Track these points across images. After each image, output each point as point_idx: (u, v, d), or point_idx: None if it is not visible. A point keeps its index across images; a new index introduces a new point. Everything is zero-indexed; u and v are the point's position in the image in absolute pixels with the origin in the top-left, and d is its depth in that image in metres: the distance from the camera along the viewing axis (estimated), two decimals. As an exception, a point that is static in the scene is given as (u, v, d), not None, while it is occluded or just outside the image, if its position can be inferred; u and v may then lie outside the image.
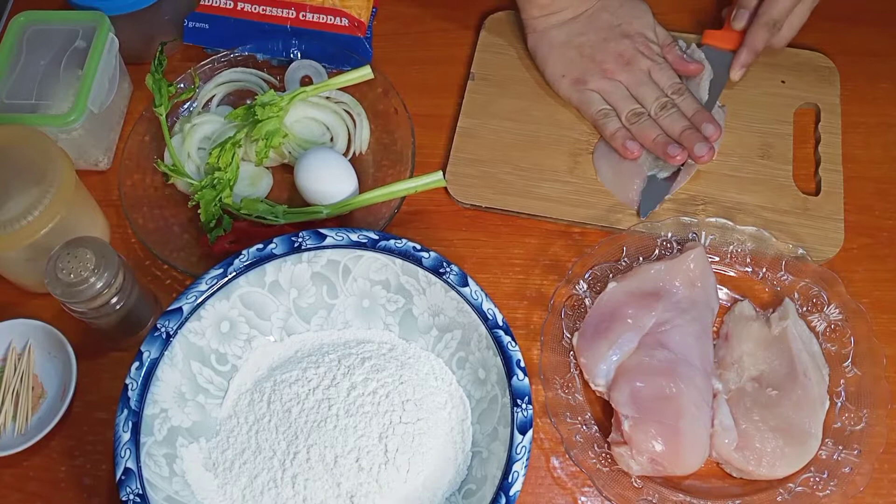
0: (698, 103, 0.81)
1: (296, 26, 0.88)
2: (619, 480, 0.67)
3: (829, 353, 0.72)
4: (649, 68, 0.82)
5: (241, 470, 0.66)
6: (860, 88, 0.86)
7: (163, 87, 0.79)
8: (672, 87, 0.82)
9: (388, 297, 0.71)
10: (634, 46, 0.83)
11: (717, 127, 0.79)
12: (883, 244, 0.79)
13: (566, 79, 0.83)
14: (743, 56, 0.82)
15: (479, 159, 0.82)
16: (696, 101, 0.81)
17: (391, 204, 0.78)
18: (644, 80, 0.82)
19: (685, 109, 0.81)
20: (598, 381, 0.70)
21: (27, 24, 0.81)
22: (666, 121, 0.80)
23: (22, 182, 0.69)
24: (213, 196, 0.77)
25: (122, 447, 0.61)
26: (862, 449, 0.67)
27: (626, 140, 0.80)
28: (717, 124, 0.79)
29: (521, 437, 0.61)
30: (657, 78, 0.82)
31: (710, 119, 0.79)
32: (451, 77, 0.88)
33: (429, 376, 0.69)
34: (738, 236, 0.75)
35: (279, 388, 0.68)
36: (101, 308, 0.67)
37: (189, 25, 0.88)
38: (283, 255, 0.68)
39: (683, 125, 0.79)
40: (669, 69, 0.83)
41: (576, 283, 0.74)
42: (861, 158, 0.82)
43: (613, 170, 0.81)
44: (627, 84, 0.82)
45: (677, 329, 0.70)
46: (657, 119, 0.80)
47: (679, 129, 0.79)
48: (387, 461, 0.64)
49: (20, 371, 0.73)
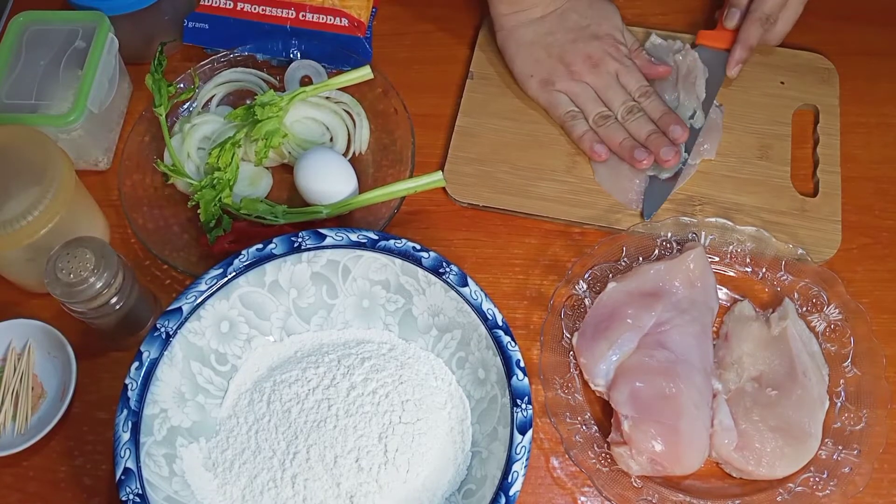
0: (665, 105, 0.81)
1: (295, 26, 0.88)
2: (618, 480, 0.67)
3: (829, 353, 0.72)
4: (617, 71, 0.82)
5: (240, 470, 0.66)
6: (860, 88, 0.86)
7: (162, 87, 0.79)
8: (639, 90, 0.82)
9: (388, 297, 0.71)
10: (603, 48, 0.83)
11: (684, 129, 0.79)
12: (882, 244, 0.79)
13: (534, 79, 0.83)
14: (737, 52, 0.82)
15: (477, 158, 0.82)
16: (663, 104, 0.81)
17: (391, 204, 0.78)
18: (611, 83, 0.82)
19: (652, 112, 0.81)
20: (598, 381, 0.70)
21: (27, 24, 0.81)
22: (633, 125, 0.80)
23: (22, 182, 0.69)
24: (213, 196, 0.77)
25: (121, 447, 0.61)
26: (862, 449, 0.67)
27: (594, 143, 0.80)
28: (684, 126, 0.79)
29: (521, 437, 0.61)
30: (625, 81, 0.82)
31: (676, 121, 0.79)
32: (451, 77, 0.88)
33: (428, 376, 0.69)
34: (737, 236, 0.76)
35: (279, 388, 0.68)
36: (101, 308, 0.67)
37: (189, 25, 0.88)
38: (283, 255, 0.68)
39: (650, 129, 0.79)
40: (637, 72, 0.83)
41: (575, 283, 0.74)
42: (860, 158, 0.82)
43: (611, 171, 0.81)
44: (595, 86, 0.82)
45: (677, 329, 0.70)
46: (624, 123, 0.81)
47: (645, 134, 0.79)
48: (386, 461, 0.64)
49: (20, 371, 0.73)
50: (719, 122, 0.83)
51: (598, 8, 0.85)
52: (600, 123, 0.81)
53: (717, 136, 0.82)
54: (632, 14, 0.90)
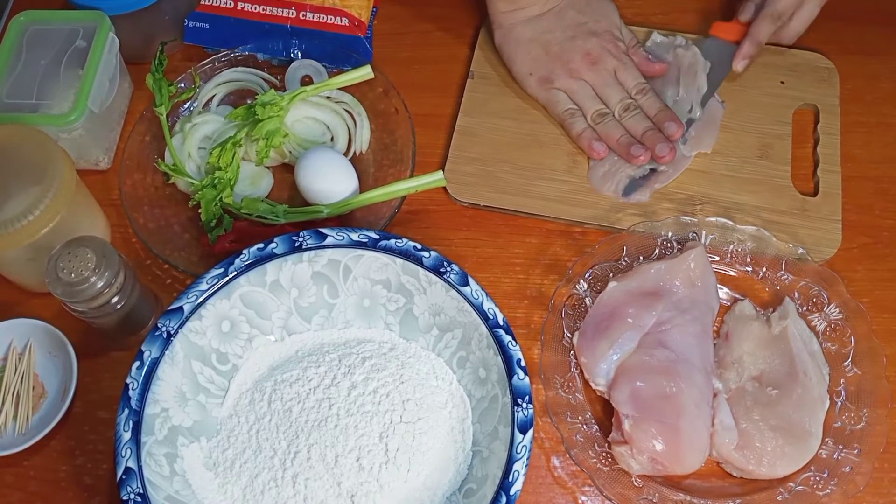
0: (661, 102, 0.82)
1: (296, 26, 0.88)
2: (619, 480, 0.67)
3: (830, 352, 0.72)
4: (615, 68, 0.82)
5: (241, 469, 0.66)
6: (860, 88, 0.86)
7: (163, 87, 0.79)
8: (636, 87, 0.82)
9: (389, 297, 0.71)
10: (601, 45, 0.83)
11: (679, 126, 0.80)
12: (883, 244, 0.79)
13: (533, 77, 0.84)
14: (745, 47, 0.82)
15: (477, 158, 0.82)
16: (660, 101, 0.82)
17: (391, 203, 0.78)
18: (609, 80, 0.82)
19: (648, 109, 0.81)
20: (599, 380, 0.70)
21: (27, 23, 0.81)
22: (629, 122, 0.81)
23: (22, 182, 0.69)
24: (214, 195, 0.77)
25: (122, 446, 0.61)
26: (862, 448, 0.67)
27: (592, 141, 0.81)
28: (679, 123, 0.80)
29: (522, 436, 0.61)
30: (622, 78, 0.82)
31: (672, 118, 0.80)
32: (451, 76, 0.88)
33: (429, 376, 0.69)
34: (738, 236, 0.76)
35: (280, 388, 0.68)
36: (102, 307, 0.67)
37: (189, 25, 0.88)
38: (284, 254, 0.68)
39: (646, 126, 0.80)
40: (634, 69, 0.83)
41: (576, 282, 0.74)
42: (861, 158, 0.82)
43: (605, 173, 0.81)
44: (593, 84, 0.82)
45: (677, 328, 0.70)
46: (621, 120, 0.81)
47: (641, 130, 0.80)
48: (387, 460, 0.64)
49: (21, 371, 0.73)
50: (718, 117, 0.83)
51: (596, 5, 0.85)
52: (598, 121, 0.81)
53: (715, 131, 0.82)
54: (631, 13, 0.90)
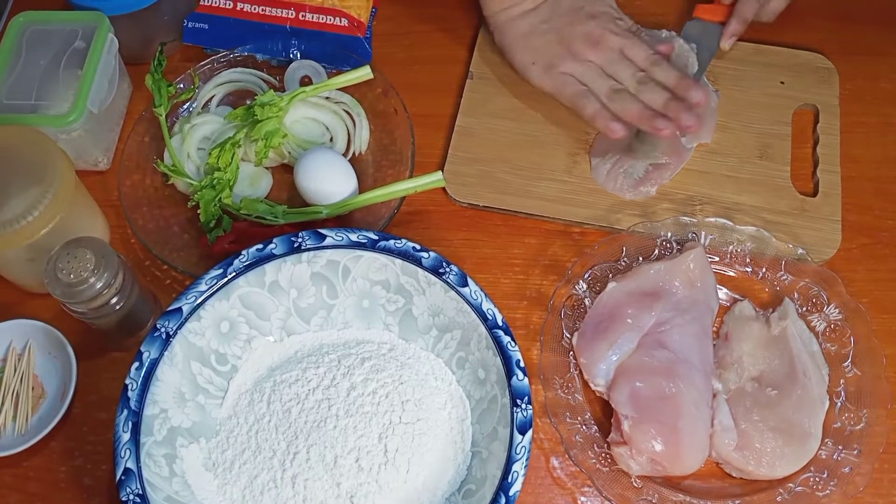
0: (678, 71, 0.78)
1: (295, 26, 0.88)
2: (618, 480, 0.67)
3: (829, 352, 0.72)
4: (621, 46, 0.79)
5: (240, 470, 0.66)
6: (860, 88, 0.86)
7: (162, 88, 0.79)
8: (648, 60, 0.78)
9: (388, 298, 0.71)
10: (602, 25, 0.80)
11: (703, 92, 0.76)
12: (882, 244, 0.79)
13: (536, 65, 0.81)
14: (732, 25, 0.82)
15: (477, 158, 0.82)
16: (676, 70, 0.78)
17: (391, 204, 0.78)
18: (616, 58, 0.79)
19: (665, 80, 0.77)
20: (598, 381, 0.70)
21: (27, 24, 0.81)
22: (647, 95, 0.76)
23: (22, 182, 0.69)
24: (213, 196, 0.77)
25: (121, 447, 0.61)
26: (862, 449, 0.67)
27: (608, 121, 0.76)
28: (702, 88, 0.76)
29: (521, 437, 0.61)
30: (631, 54, 0.79)
31: (694, 85, 0.76)
32: (451, 77, 0.88)
33: (428, 376, 0.69)
34: (737, 236, 0.76)
35: (279, 389, 0.68)
36: (101, 308, 0.67)
37: (189, 25, 0.88)
38: (283, 255, 0.68)
39: (666, 97, 0.76)
40: (642, 42, 0.79)
41: (575, 283, 0.74)
42: (861, 158, 0.82)
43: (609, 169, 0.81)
44: (600, 63, 0.79)
45: (677, 329, 0.70)
46: (637, 94, 0.77)
47: (662, 101, 0.76)
48: (386, 461, 0.64)
49: (20, 371, 0.73)
50: (714, 107, 0.83)
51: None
52: (613, 98, 0.77)
53: (713, 120, 0.82)
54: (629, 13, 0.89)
